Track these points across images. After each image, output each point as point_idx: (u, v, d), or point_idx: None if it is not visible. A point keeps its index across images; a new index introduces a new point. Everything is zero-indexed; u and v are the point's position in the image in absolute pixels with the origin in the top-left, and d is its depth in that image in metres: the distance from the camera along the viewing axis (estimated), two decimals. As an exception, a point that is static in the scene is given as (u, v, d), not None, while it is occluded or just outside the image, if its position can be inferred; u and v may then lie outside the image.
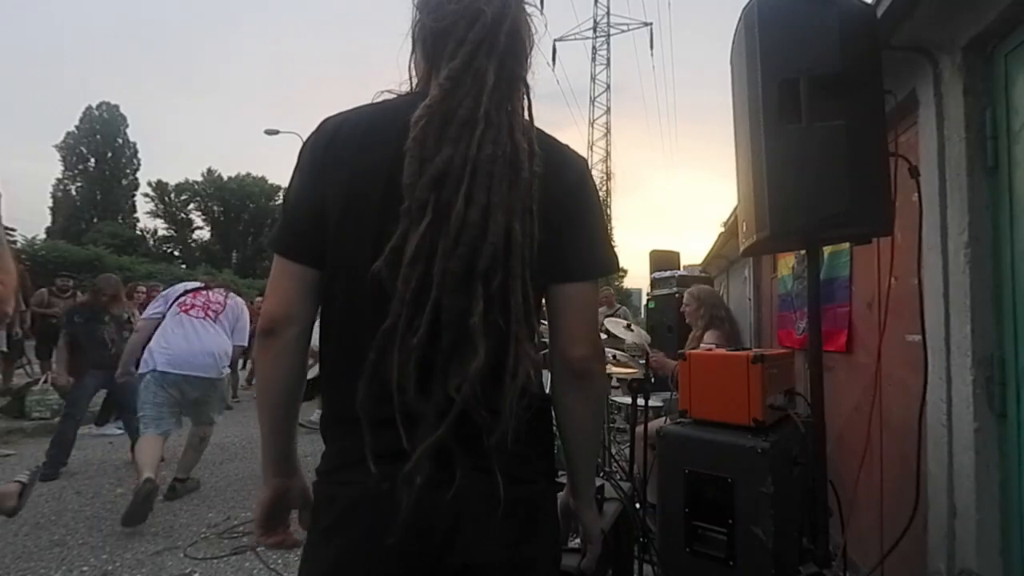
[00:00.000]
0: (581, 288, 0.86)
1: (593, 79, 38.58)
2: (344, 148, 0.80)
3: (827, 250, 2.63)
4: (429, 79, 0.84)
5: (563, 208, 0.84)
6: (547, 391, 0.90)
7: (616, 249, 0.94)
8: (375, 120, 0.82)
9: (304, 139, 0.85)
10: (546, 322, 0.91)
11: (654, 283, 6.11)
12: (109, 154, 39.56)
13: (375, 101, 0.86)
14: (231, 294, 3.96)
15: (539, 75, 0.88)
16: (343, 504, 0.77)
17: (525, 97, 0.85)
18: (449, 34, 0.80)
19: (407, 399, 0.71)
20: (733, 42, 1.72)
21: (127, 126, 40.53)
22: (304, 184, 0.82)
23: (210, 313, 3.68)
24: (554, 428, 0.92)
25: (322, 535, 0.79)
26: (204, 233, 43.47)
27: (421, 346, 0.72)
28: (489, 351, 0.73)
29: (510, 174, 0.77)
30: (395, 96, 0.87)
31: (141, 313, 4.41)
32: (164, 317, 3.59)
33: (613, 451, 3.63)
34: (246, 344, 4.06)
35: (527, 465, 0.81)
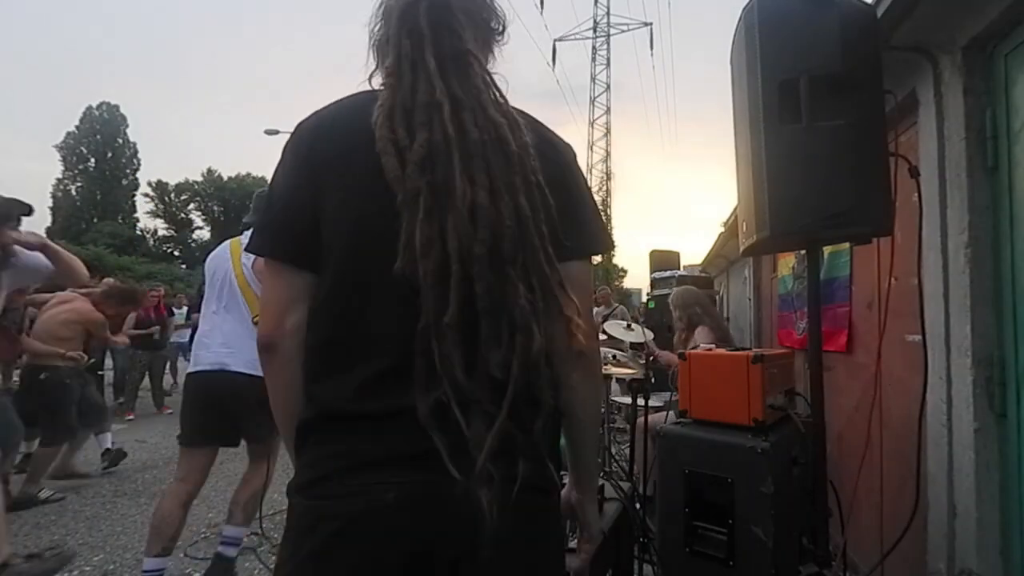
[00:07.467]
0: (580, 266, 0.85)
1: (593, 79, 38.56)
2: (325, 150, 0.78)
3: (827, 250, 2.63)
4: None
5: (557, 188, 0.81)
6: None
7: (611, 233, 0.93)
8: (350, 120, 0.80)
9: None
10: None
11: (654, 283, 6.11)
12: (109, 154, 39.57)
13: (345, 97, 0.85)
14: None
15: (539, 75, 0.89)
16: (340, 522, 0.69)
17: (484, 72, 0.82)
18: (385, 38, 0.83)
19: (458, 388, 0.68)
20: (733, 42, 1.72)
21: (127, 126, 40.57)
22: (291, 187, 0.79)
23: None
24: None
25: (308, 561, 0.70)
26: (204, 233, 43.40)
27: (462, 335, 0.69)
28: (535, 331, 0.71)
29: (502, 151, 0.75)
30: (362, 93, 0.85)
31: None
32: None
33: (613, 451, 3.63)
34: None
35: (542, 468, 0.79)
